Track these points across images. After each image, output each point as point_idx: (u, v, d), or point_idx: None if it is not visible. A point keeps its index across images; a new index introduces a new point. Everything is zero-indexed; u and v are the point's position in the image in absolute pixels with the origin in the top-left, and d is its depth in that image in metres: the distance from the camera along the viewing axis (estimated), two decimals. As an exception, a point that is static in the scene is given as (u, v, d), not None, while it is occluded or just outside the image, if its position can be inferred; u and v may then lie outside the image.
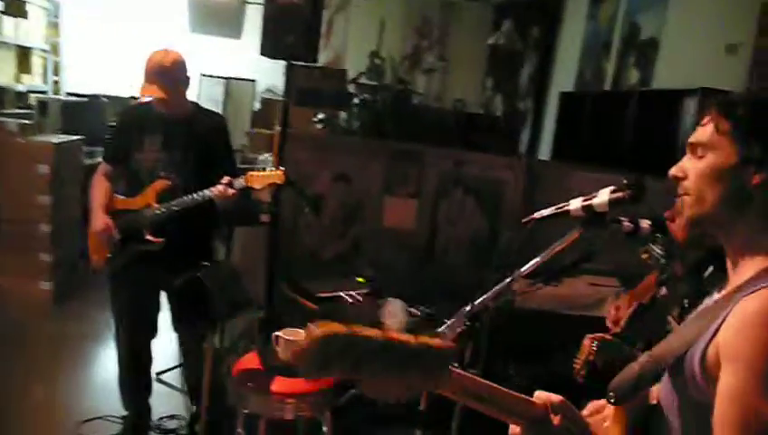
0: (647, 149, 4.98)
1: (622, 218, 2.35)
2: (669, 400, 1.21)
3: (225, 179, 2.62)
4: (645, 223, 2.31)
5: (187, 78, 2.78)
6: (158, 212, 2.70)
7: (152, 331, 2.94)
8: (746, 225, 1.15)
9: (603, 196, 1.51)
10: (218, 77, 7.50)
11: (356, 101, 5.16)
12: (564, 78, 6.74)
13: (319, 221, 3.85)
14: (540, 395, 1.22)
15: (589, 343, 2.49)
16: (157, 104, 2.73)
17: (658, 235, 2.31)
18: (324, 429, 2.53)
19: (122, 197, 2.82)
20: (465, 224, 4.05)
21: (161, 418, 3.20)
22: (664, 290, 2.63)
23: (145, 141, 2.77)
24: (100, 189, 2.79)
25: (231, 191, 2.60)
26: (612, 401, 1.21)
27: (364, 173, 3.92)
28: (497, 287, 1.73)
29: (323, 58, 6.34)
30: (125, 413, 3.06)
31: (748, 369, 1.02)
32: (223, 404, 3.09)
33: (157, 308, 2.94)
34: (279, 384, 2.36)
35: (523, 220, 1.57)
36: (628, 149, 5.13)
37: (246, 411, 2.43)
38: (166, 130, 2.76)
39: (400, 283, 3.81)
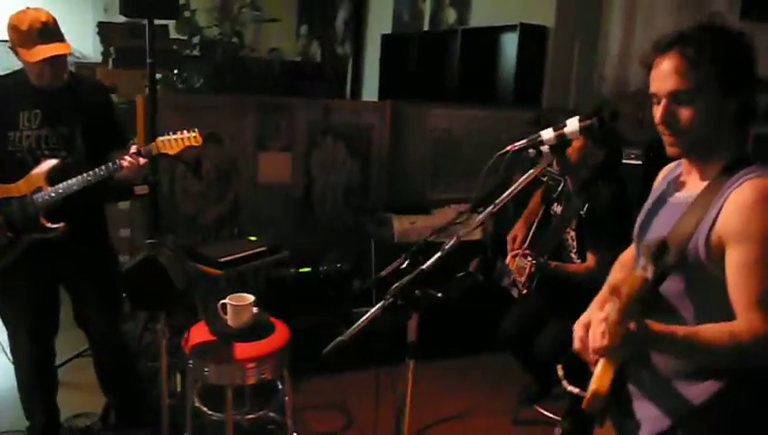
0: (471, 83, 5.43)
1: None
2: (675, 290, 1.44)
3: (134, 148, 2.42)
4: (545, 148, 2.62)
5: None
6: (52, 194, 2.41)
7: (57, 326, 2.66)
8: (718, 137, 1.43)
9: (573, 124, 1.66)
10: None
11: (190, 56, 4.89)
12: (381, 21, 6.96)
13: (197, 185, 3.68)
14: None
15: (521, 262, 2.76)
16: (38, 73, 2.39)
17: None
18: (280, 386, 2.55)
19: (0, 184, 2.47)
20: (338, 171, 4.13)
21: (67, 418, 2.94)
22: (558, 208, 2.98)
23: (20, 118, 2.43)
24: None
25: (143, 161, 2.41)
26: None
27: (235, 131, 3.80)
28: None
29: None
30: (27, 424, 2.77)
31: (758, 243, 1.30)
32: (143, 391, 2.94)
33: (58, 300, 2.66)
34: (237, 350, 2.33)
35: (500, 152, 1.69)
36: (455, 84, 5.54)
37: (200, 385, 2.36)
38: (44, 103, 2.44)
39: (284, 236, 3.83)
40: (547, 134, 1.69)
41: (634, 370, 1.48)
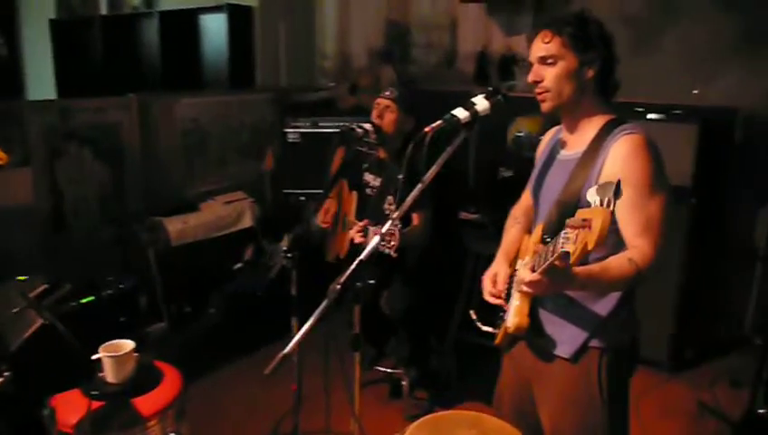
0: (173, 67, 5.14)
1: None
2: None
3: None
4: (366, 125, 2.79)
5: None
6: None
7: None
8: (586, 101, 1.79)
9: (483, 102, 1.78)
10: None
11: None
12: (43, 4, 5.98)
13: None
14: None
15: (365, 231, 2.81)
16: None
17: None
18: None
19: None
20: (88, 180, 3.58)
21: None
22: (371, 177, 3.14)
23: None
24: None
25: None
26: None
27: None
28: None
29: None
30: None
31: (638, 185, 1.65)
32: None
33: None
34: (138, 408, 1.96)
35: (426, 129, 1.79)
36: (157, 71, 5.16)
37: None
38: None
39: (40, 267, 3.21)
40: (462, 113, 1.80)
41: (545, 298, 1.80)
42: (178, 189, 4.07)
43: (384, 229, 1.83)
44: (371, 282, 1.87)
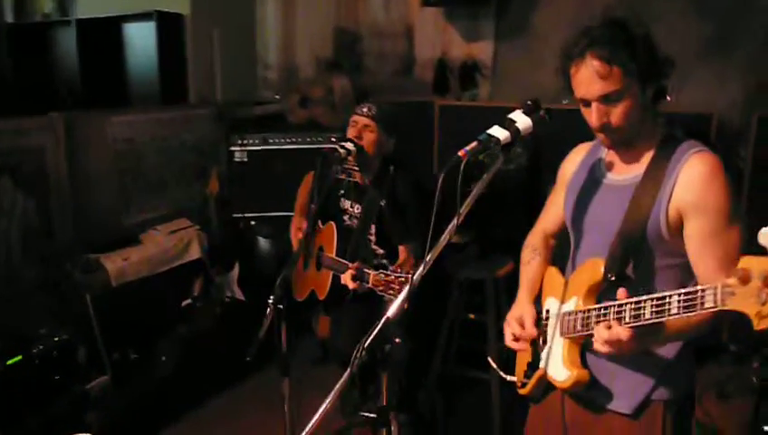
0: (95, 82, 4.62)
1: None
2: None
3: None
4: (349, 145, 2.48)
5: None
6: None
7: None
8: (644, 122, 1.54)
9: (524, 119, 1.51)
10: None
11: None
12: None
13: None
14: None
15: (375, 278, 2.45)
16: None
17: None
18: None
19: None
20: (8, 215, 3.05)
21: None
22: (347, 204, 2.80)
23: None
24: None
25: None
26: None
27: None
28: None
29: None
30: None
31: (715, 213, 1.44)
32: None
33: None
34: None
35: (460, 153, 1.48)
36: (76, 86, 4.62)
37: None
38: None
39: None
40: (501, 133, 1.52)
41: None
42: (114, 220, 3.58)
43: (417, 274, 1.50)
44: (398, 341, 1.56)
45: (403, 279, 2.21)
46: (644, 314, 1.30)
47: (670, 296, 1.25)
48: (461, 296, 3.18)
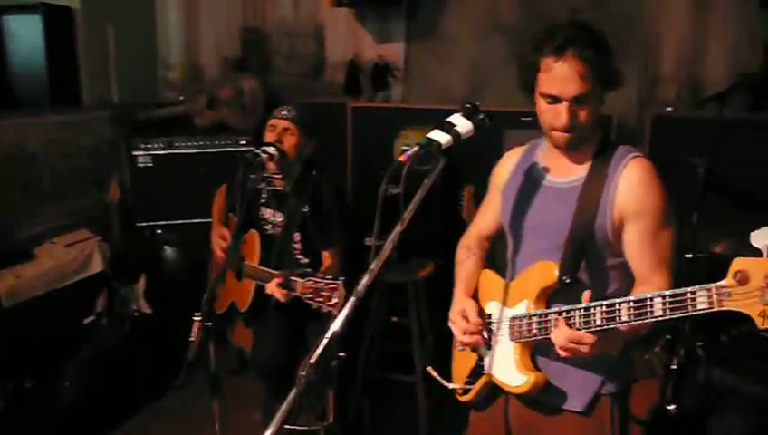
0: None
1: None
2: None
3: None
4: (271, 150, 2.40)
5: None
6: None
7: None
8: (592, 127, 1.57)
9: (464, 122, 1.49)
10: None
11: None
12: None
13: None
14: None
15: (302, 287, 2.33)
16: None
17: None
18: None
19: None
20: None
21: None
22: (268, 212, 2.68)
23: None
24: None
25: None
26: None
27: None
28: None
29: None
30: None
31: (652, 216, 1.49)
32: None
33: None
34: None
35: (401, 158, 1.45)
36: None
37: None
38: None
39: None
40: (442, 137, 1.50)
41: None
42: (5, 233, 3.26)
43: (362, 284, 1.44)
44: (343, 356, 1.49)
45: (334, 286, 2.16)
46: (619, 316, 1.32)
47: (651, 299, 1.27)
48: (383, 300, 3.15)
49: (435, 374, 1.78)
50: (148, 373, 3.34)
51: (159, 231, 3.84)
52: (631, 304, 1.31)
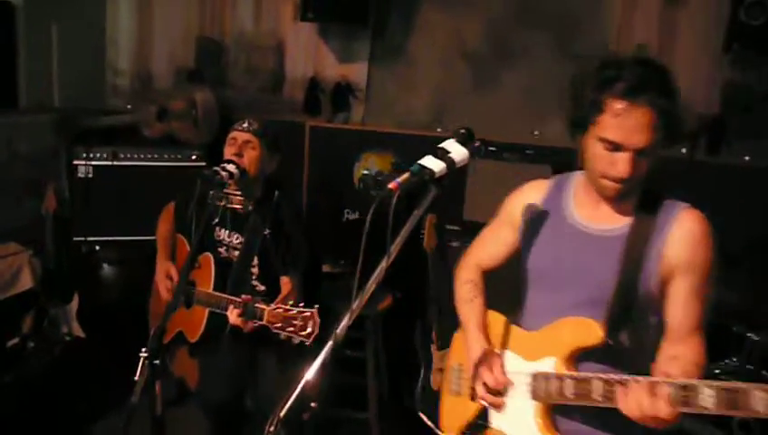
0: None
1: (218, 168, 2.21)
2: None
3: None
4: (231, 167, 2.23)
5: None
6: None
7: None
8: None
9: (459, 149, 1.35)
10: None
11: None
12: None
13: None
14: None
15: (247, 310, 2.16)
16: None
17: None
18: None
19: None
20: None
21: None
22: (224, 233, 2.51)
23: None
24: None
25: None
26: None
27: None
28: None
29: None
30: None
31: (701, 272, 1.40)
32: None
33: None
34: None
35: (391, 186, 1.31)
36: None
37: None
38: None
39: None
40: (435, 164, 1.37)
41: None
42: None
43: (341, 326, 1.30)
44: (315, 406, 1.33)
45: (307, 314, 2.00)
46: (697, 401, 1.20)
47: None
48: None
49: (428, 421, 1.66)
50: (77, 406, 3.06)
51: (98, 247, 3.60)
52: (726, 392, 1.19)
